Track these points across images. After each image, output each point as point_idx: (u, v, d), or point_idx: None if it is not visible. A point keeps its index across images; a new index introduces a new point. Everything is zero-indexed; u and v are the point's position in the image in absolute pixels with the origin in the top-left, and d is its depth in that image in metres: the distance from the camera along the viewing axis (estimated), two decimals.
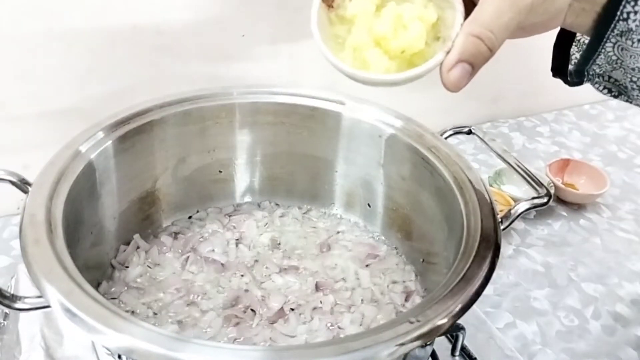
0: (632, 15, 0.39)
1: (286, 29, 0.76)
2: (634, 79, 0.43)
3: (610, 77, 0.44)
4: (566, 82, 0.47)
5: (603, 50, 0.41)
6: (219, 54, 0.74)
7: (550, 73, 0.48)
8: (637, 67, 0.42)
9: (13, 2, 0.61)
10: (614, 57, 0.42)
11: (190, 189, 0.62)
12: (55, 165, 0.46)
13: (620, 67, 0.42)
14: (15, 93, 0.66)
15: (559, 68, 0.47)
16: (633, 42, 0.40)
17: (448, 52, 0.38)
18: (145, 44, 0.69)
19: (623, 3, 0.39)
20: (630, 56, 0.41)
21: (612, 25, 0.40)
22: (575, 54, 0.46)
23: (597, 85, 0.45)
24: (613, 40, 0.41)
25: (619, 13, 0.39)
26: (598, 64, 0.43)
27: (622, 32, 0.40)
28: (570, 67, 0.46)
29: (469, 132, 0.57)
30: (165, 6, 0.68)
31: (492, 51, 0.38)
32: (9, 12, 0.62)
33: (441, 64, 0.38)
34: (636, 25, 0.39)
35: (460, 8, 0.39)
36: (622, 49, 0.41)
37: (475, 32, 0.38)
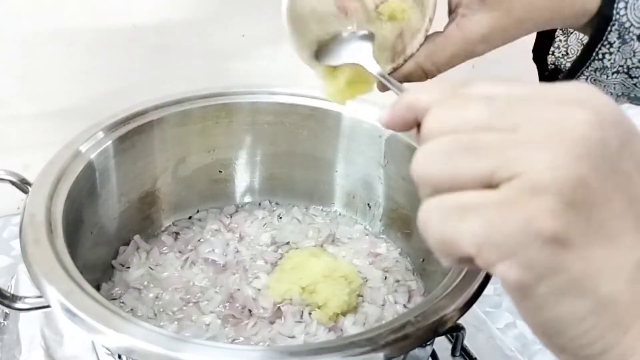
0: (607, 56, 0.42)
1: None
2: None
3: None
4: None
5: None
6: (219, 54, 0.74)
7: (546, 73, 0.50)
8: (609, 92, 0.45)
9: (13, 2, 0.61)
10: None
11: (190, 189, 0.62)
12: (55, 165, 0.46)
13: None
14: (15, 93, 0.66)
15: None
16: (608, 76, 0.43)
17: (394, 68, 0.43)
18: (145, 44, 0.69)
19: (599, 45, 0.41)
20: (604, 86, 0.44)
21: (588, 64, 0.43)
22: (551, 64, 0.50)
23: None
24: (587, 73, 0.44)
25: (594, 54, 0.42)
26: None
27: (596, 68, 0.43)
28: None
29: None
30: (165, 6, 0.68)
31: (427, 79, 0.43)
32: (9, 12, 0.62)
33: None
34: (611, 63, 0.42)
35: (425, 24, 0.41)
36: (594, 80, 0.44)
37: (426, 67, 0.42)
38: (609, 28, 0.40)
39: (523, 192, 0.21)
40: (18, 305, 0.40)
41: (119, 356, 0.41)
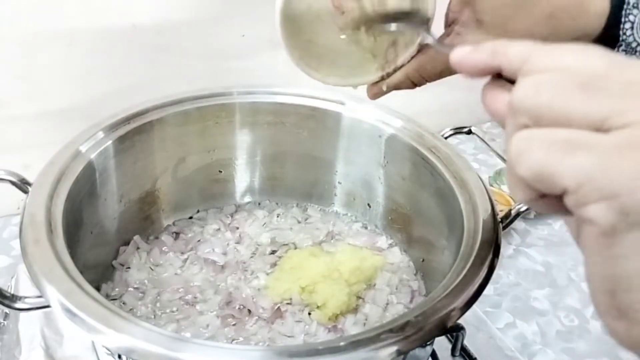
0: None
1: None
2: None
3: None
4: None
5: None
6: (219, 54, 0.74)
7: None
8: None
9: (13, 2, 0.61)
10: None
11: (191, 189, 0.62)
12: (55, 165, 0.46)
13: None
14: (15, 93, 0.66)
15: None
16: None
17: (383, 77, 0.44)
18: (145, 44, 0.69)
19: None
20: None
21: None
22: None
23: None
24: None
25: None
26: None
27: None
28: None
29: (469, 132, 0.57)
30: (165, 6, 0.68)
31: (415, 88, 0.45)
32: (9, 12, 0.62)
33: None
34: None
35: (420, 37, 0.42)
36: None
37: (415, 80, 0.43)
38: (616, 49, 0.40)
39: (638, 141, 0.22)
40: (18, 305, 0.40)
41: (119, 356, 0.41)
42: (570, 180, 0.22)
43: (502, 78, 0.28)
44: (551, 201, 0.24)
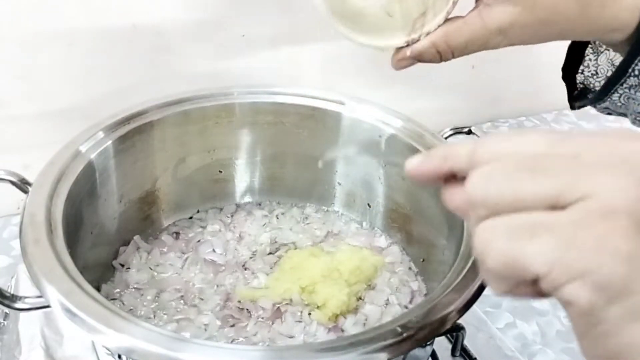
0: None
1: (286, 29, 0.76)
2: (638, 118, 0.45)
3: (613, 112, 0.46)
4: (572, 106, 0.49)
5: (609, 99, 0.43)
6: (219, 54, 0.74)
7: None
8: None
9: (13, 2, 0.61)
10: (619, 104, 0.44)
11: (191, 189, 0.62)
12: (55, 165, 0.46)
13: (625, 109, 0.44)
14: (15, 93, 0.66)
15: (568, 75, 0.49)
16: None
17: (408, 42, 0.43)
18: (145, 44, 0.69)
19: (636, 61, 0.40)
20: (638, 104, 0.43)
21: (623, 80, 0.41)
22: (584, 76, 0.48)
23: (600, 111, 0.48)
24: (621, 91, 0.42)
25: (630, 70, 0.41)
26: (603, 107, 0.45)
27: (631, 85, 0.42)
28: (577, 103, 0.49)
29: (469, 132, 0.57)
30: (165, 6, 0.68)
31: (442, 61, 0.43)
32: (9, 12, 0.62)
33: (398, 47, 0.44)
34: None
35: (449, 6, 0.41)
36: (628, 98, 0.43)
37: (441, 48, 0.42)
38: None
39: (595, 213, 0.21)
40: (18, 305, 0.40)
41: (119, 356, 0.41)
42: (539, 266, 0.22)
43: (457, 177, 0.29)
44: (528, 288, 0.24)
